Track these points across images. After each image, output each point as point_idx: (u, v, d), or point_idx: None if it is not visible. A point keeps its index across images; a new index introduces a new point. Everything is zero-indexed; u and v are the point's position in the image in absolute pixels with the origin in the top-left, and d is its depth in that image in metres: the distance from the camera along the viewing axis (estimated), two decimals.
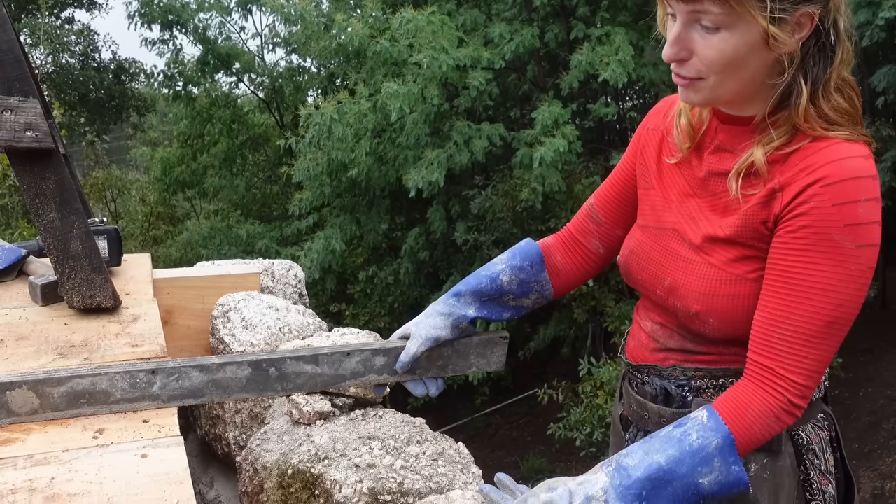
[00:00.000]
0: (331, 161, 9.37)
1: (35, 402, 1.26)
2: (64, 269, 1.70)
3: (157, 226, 14.88)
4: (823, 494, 1.25)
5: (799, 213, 1.08)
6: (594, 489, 1.09)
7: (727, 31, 1.05)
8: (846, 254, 1.06)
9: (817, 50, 1.09)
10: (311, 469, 1.47)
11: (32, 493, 1.07)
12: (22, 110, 1.61)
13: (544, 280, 1.45)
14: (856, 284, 1.08)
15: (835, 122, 1.10)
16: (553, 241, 1.50)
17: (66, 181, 1.68)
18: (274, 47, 14.07)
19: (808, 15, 1.05)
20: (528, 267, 1.44)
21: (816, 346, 1.10)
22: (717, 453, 1.08)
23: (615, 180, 1.44)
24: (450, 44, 8.21)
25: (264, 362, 1.38)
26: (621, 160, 1.44)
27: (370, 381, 1.46)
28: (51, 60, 15.31)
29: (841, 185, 1.06)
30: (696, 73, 1.11)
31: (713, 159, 1.21)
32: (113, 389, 1.29)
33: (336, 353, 1.41)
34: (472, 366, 1.48)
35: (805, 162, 1.09)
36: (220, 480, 2.11)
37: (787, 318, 1.09)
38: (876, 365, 8.80)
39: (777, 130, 1.11)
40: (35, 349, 1.54)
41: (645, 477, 1.07)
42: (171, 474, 1.13)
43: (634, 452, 1.11)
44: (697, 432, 1.09)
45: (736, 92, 1.13)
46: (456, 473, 1.47)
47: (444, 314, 1.42)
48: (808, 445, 1.25)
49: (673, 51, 1.11)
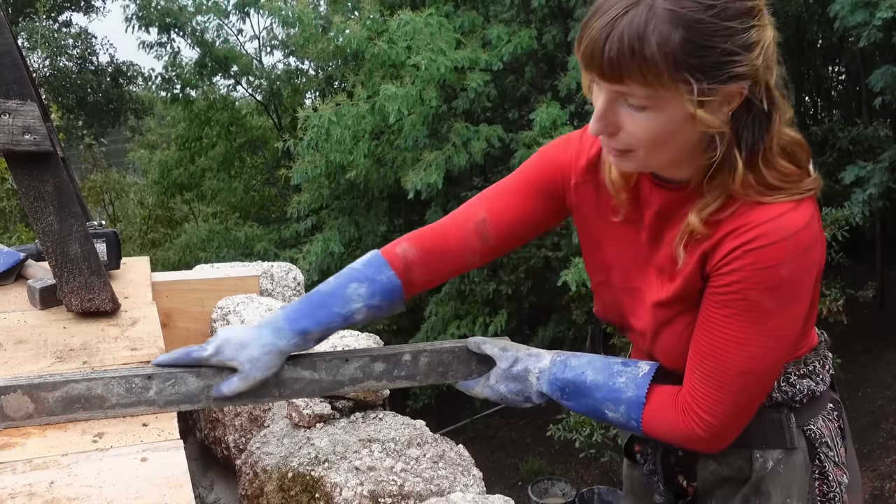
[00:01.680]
0: (329, 163, 9.36)
1: (30, 407, 1.25)
2: (62, 273, 1.70)
3: (156, 229, 14.87)
4: (840, 486, 1.28)
5: (722, 273, 1.11)
6: (535, 365, 1.33)
7: (653, 111, 1.05)
8: (766, 312, 1.10)
9: (751, 119, 1.08)
10: (312, 472, 1.47)
11: (32, 497, 1.07)
12: (20, 113, 1.60)
13: (398, 309, 1.39)
14: (773, 339, 1.12)
15: (775, 187, 1.09)
16: (416, 256, 1.36)
17: (64, 184, 1.67)
18: (272, 50, 14.08)
19: (736, 90, 1.04)
20: (386, 306, 1.36)
21: (731, 393, 1.15)
22: (625, 402, 1.24)
23: (520, 206, 1.36)
24: (448, 45, 8.20)
25: None
26: (525, 182, 1.37)
27: (369, 388, 1.45)
28: (48, 64, 15.30)
29: (764, 251, 1.07)
30: (625, 145, 1.11)
31: (655, 223, 1.22)
32: (108, 394, 1.28)
33: (334, 359, 1.39)
34: (473, 372, 1.46)
35: (735, 223, 1.10)
36: (219, 484, 2.11)
37: (705, 363, 1.16)
38: (875, 365, 8.79)
39: (712, 195, 1.11)
40: (34, 353, 1.53)
41: (571, 380, 1.28)
42: (171, 478, 1.13)
43: (580, 359, 1.30)
44: (626, 378, 1.25)
45: (668, 161, 1.13)
46: (457, 476, 1.46)
47: (283, 353, 1.31)
48: (821, 438, 1.27)
49: (600, 126, 1.10)
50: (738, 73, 1.01)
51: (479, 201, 1.39)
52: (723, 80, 1.01)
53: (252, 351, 1.28)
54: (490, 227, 1.36)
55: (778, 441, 1.25)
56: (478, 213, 1.37)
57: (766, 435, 1.25)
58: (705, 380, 1.16)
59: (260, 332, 1.30)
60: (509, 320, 8.58)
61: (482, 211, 1.37)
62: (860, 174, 7.56)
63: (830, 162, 9.66)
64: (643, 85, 1.02)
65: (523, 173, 1.38)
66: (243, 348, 1.28)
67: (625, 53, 1.00)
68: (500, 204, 1.37)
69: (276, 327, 1.30)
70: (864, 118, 9.64)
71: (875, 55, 9.19)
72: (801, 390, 1.26)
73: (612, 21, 1.00)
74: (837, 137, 9.32)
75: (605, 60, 1.02)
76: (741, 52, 1.01)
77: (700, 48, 0.99)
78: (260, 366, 1.29)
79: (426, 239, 1.38)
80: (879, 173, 7.43)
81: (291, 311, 1.32)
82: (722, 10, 0.99)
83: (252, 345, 1.29)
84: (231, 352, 1.28)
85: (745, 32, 1.01)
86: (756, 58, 1.02)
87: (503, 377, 1.36)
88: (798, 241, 1.08)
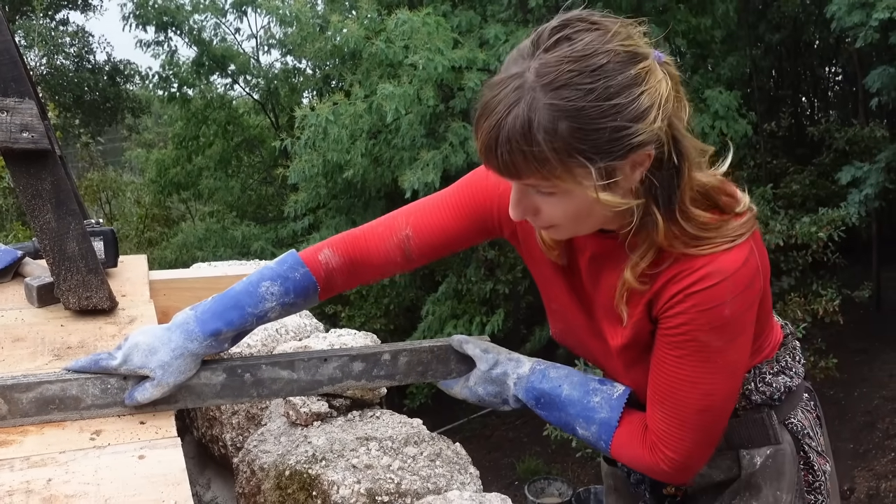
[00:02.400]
0: (326, 162, 9.35)
1: (3, 408, 1.22)
2: (60, 271, 1.70)
3: (153, 228, 14.86)
4: (824, 474, 1.31)
5: (668, 316, 1.13)
6: (515, 371, 1.34)
7: (561, 196, 1.05)
8: (714, 350, 1.12)
9: (664, 174, 1.06)
10: (309, 470, 1.47)
11: (29, 494, 1.07)
12: (18, 111, 1.60)
13: (312, 304, 1.38)
14: (725, 374, 1.15)
15: (699, 237, 1.09)
16: (338, 264, 1.36)
17: (62, 182, 1.67)
18: (269, 49, 14.08)
19: (641, 156, 1.02)
20: (301, 302, 1.34)
21: (692, 430, 1.18)
22: (598, 423, 1.26)
23: (448, 227, 1.34)
24: (445, 45, 8.20)
25: (239, 367, 1.36)
26: (456, 204, 1.34)
27: (348, 388, 1.44)
28: (45, 62, 15.26)
29: (705, 293, 1.09)
30: (547, 223, 1.12)
31: (591, 268, 1.23)
32: (83, 395, 1.26)
33: (313, 359, 1.38)
34: (452, 371, 1.46)
35: (674, 270, 1.11)
36: (217, 482, 2.11)
37: (665, 402, 1.18)
38: (870, 365, 8.81)
39: (641, 250, 1.12)
40: (31, 351, 1.53)
41: (547, 392, 1.30)
42: (169, 475, 1.13)
43: (559, 370, 1.33)
44: (601, 398, 1.27)
45: (595, 227, 1.14)
46: (454, 474, 1.47)
47: (196, 355, 1.28)
48: (803, 430, 1.31)
49: (518, 212, 1.11)
50: (636, 143, 0.99)
51: (405, 215, 1.37)
52: (622, 155, 0.99)
53: (162, 356, 1.25)
54: (413, 244, 1.35)
55: (762, 439, 1.27)
56: (402, 229, 1.35)
57: (751, 435, 1.27)
58: (667, 419, 1.18)
59: (170, 335, 1.26)
60: (506, 319, 8.58)
61: (407, 227, 1.35)
62: (856, 175, 7.59)
63: (827, 162, 9.70)
64: (542, 178, 1.01)
65: (456, 194, 1.35)
66: (153, 354, 1.25)
67: (515, 154, 0.99)
68: (427, 221, 1.35)
69: (187, 329, 1.27)
70: (860, 119, 9.66)
71: (872, 56, 9.22)
72: (777, 388, 1.29)
73: (498, 124, 0.98)
74: (834, 138, 9.34)
75: (501, 163, 1.01)
76: (634, 123, 0.98)
77: (589, 133, 0.97)
78: (172, 371, 1.25)
79: (349, 248, 1.37)
80: (876, 174, 7.46)
81: (202, 312, 1.29)
82: (604, 91, 0.96)
83: (162, 350, 1.25)
84: (140, 359, 1.25)
85: (633, 103, 0.97)
86: (653, 121, 0.99)
87: (482, 379, 1.37)
88: (737, 281, 1.08)
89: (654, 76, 1.00)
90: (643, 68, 0.99)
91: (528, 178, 1.02)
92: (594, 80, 0.96)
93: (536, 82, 0.97)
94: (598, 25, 1.00)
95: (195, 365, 1.29)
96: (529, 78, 0.98)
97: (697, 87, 9.25)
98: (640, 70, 0.99)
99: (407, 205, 1.40)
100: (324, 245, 1.38)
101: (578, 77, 0.96)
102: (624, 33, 1.00)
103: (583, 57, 0.97)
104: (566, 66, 0.96)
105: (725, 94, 8.54)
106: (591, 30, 0.99)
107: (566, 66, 0.96)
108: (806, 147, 11.01)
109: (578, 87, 0.96)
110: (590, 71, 0.96)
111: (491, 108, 1.00)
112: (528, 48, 1.01)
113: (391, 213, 1.40)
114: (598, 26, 1.00)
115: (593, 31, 0.99)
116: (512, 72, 1.00)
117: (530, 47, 1.01)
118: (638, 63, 0.99)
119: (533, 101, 0.97)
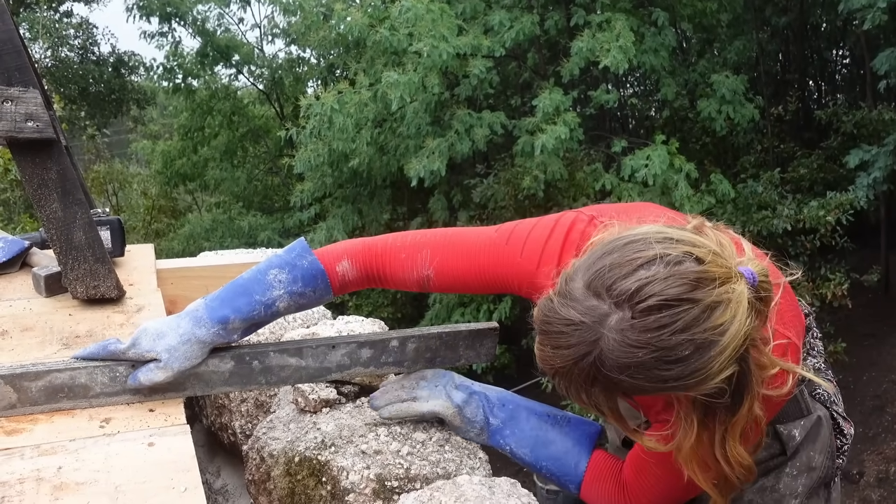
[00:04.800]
0: (332, 151, 9.36)
1: (13, 397, 1.22)
2: (67, 260, 1.70)
3: (159, 219, 14.91)
4: (849, 438, 1.40)
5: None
6: (474, 402, 1.44)
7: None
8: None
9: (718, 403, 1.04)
10: (318, 456, 1.47)
11: (40, 482, 1.07)
12: (22, 101, 1.60)
13: (326, 300, 1.37)
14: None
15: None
16: (354, 277, 1.36)
17: (67, 171, 1.67)
18: (273, 38, 14.07)
19: (725, 379, 1.00)
20: (310, 293, 1.33)
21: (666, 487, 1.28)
22: (561, 483, 1.44)
23: (469, 283, 1.33)
24: (450, 32, 8.17)
25: (247, 355, 1.35)
26: (481, 268, 1.31)
27: (356, 375, 1.44)
28: (50, 54, 15.29)
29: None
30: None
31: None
32: (92, 383, 1.26)
33: (321, 346, 1.38)
34: (461, 358, 1.44)
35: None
36: (226, 469, 2.11)
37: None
38: (879, 349, 8.79)
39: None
40: (40, 340, 1.54)
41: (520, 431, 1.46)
42: (179, 462, 1.13)
43: (532, 410, 1.46)
44: (568, 448, 1.42)
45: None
46: (463, 459, 1.46)
47: (204, 342, 1.27)
48: (829, 398, 1.38)
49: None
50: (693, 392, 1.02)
51: (431, 251, 1.33)
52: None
53: (170, 340, 1.25)
54: (432, 285, 1.34)
55: (796, 413, 1.31)
56: (425, 268, 1.33)
57: (787, 411, 1.30)
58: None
59: (179, 321, 1.27)
60: (513, 307, 8.58)
61: (430, 268, 1.33)
62: (865, 158, 7.54)
63: (834, 146, 9.63)
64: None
65: (486, 253, 1.31)
66: (160, 338, 1.25)
67: (576, 391, 1.04)
68: (451, 267, 1.33)
69: (196, 316, 1.27)
70: (868, 102, 9.58)
71: (879, 38, 9.13)
72: (808, 369, 1.33)
73: (566, 369, 1.01)
74: (841, 121, 9.29)
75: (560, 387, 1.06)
76: (697, 385, 0.99)
77: (644, 392, 1.04)
78: (178, 356, 1.25)
79: (368, 265, 1.36)
80: (884, 157, 7.41)
81: (211, 300, 1.30)
82: (675, 376, 0.97)
83: (170, 334, 1.25)
84: (148, 343, 1.24)
85: (701, 374, 0.97)
86: (716, 377, 0.98)
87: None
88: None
89: (732, 330, 0.96)
90: (721, 337, 0.96)
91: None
92: (669, 369, 0.96)
93: (612, 348, 0.96)
94: (693, 303, 0.95)
95: (202, 352, 1.28)
96: (608, 338, 0.96)
97: (704, 71, 9.20)
98: (717, 339, 0.95)
99: (435, 232, 1.37)
100: (342, 254, 1.36)
101: (655, 364, 0.96)
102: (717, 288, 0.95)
103: (664, 349, 0.95)
104: (644, 353, 0.95)
105: (732, 78, 8.50)
106: (688, 310, 0.94)
107: (644, 353, 0.95)
108: (813, 131, 10.94)
109: (649, 374, 0.96)
110: (666, 361, 0.95)
111: (559, 344, 1.00)
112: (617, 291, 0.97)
113: (416, 235, 1.37)
114: (693, 303, 0.94)
115: (689, 312, 0.94)
116: (591, 310, 0.97)
117: (621, 295, 0.96)
118: (720, 336, 0.95)
119: (600, 367, 0.97)
